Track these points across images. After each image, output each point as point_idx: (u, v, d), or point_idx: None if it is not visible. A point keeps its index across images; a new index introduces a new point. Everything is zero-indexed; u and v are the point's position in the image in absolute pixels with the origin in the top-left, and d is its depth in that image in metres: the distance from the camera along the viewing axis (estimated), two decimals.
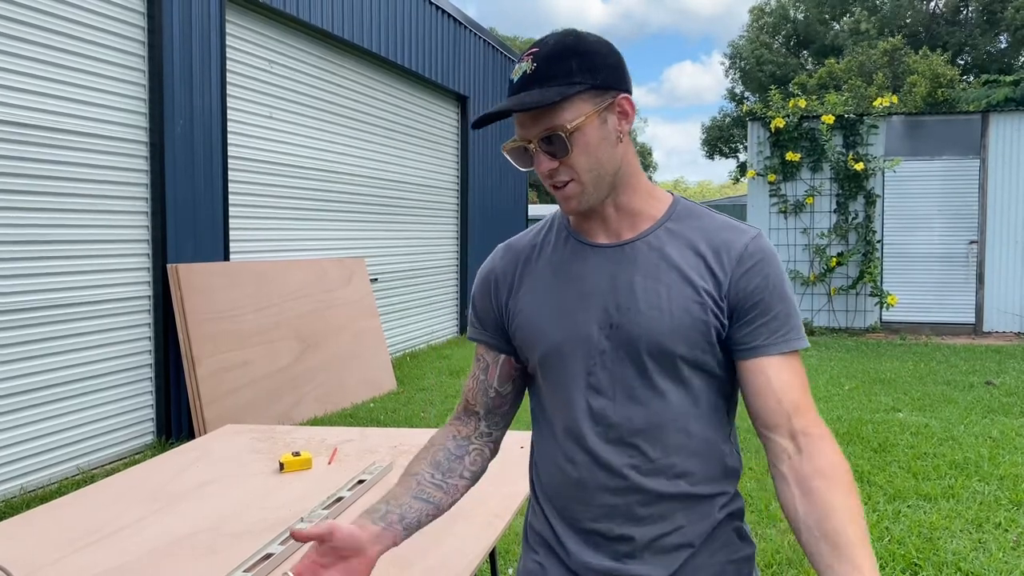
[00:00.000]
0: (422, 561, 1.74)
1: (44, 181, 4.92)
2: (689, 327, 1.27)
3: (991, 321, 11.17)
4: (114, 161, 5.42)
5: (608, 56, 1.27)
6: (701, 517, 1.33)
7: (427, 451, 1.43)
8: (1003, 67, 25.69)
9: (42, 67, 4.89)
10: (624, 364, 1.30)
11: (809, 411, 1.28)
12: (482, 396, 1.46)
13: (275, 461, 2.46)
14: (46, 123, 4.92)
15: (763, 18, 33.49)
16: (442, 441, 1.45)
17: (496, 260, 1.45)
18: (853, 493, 1.23)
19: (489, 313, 1.44)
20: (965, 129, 11.18)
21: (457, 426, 1.47)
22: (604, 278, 1.32)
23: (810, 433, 1.26)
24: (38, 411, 4.93)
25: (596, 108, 1.25)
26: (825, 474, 1.22)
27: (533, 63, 1.25)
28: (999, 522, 4.10)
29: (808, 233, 11.46)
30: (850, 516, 1.18)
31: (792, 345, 1.30)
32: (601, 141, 1.26)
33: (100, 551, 1.80)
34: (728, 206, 26.21)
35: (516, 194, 13.57)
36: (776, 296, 1.29)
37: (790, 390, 1.28)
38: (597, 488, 1.33)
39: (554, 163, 1.25)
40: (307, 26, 7.51)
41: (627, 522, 1.32)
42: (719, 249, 1.30)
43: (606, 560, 1.34)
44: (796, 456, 1.25)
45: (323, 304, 7.10)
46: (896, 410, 6.59)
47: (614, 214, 1.33)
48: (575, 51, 1.25)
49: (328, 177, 8.15)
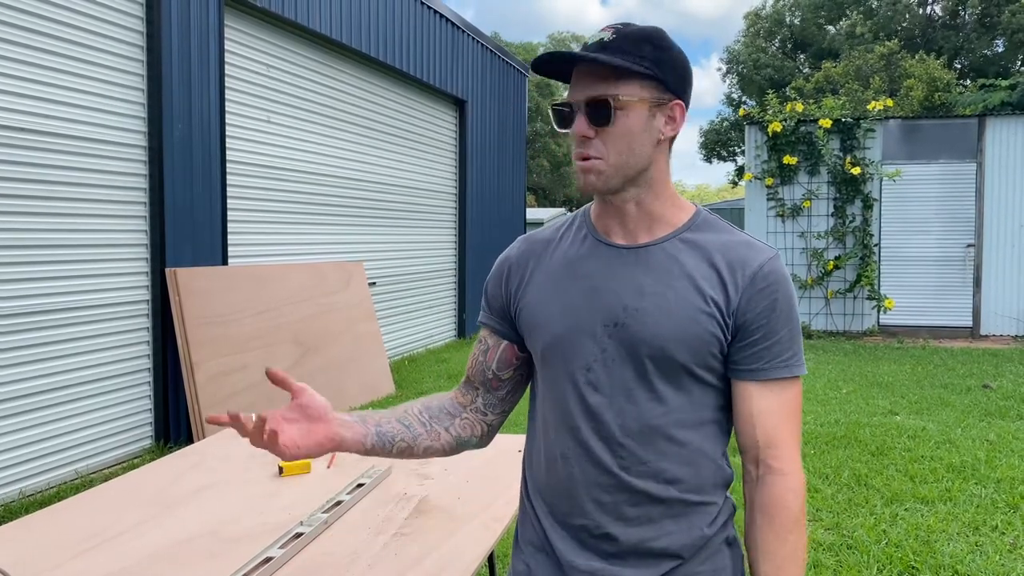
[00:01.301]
0: (421, 564, 1.75)
1: (43, 185, 4.93)
2: (693, 336, 1.28)
3: (988, 324, 11.19)
4: (113, 165, 5.42)
5: (682, 63, 1.30)
6: (690, 528, 1.33)
7: (426, 397, 1.50)
8: (1000, 71, 25.76)
9: (41, 72, 4.90)
10: (624, 364, 1.31)
11: (782, 444, 1.31)
12: (480, 375, 1.49)
13: (274, 465, 2.47)
14: (45, 128, 4.93)
15: (758, 23, 33.55)
16: (441, 397, 1.51)
17: (514, 249, 1.48)
18: (787, 534, 1.30)
19: (498, 299, 1.46)
20: (962, 133, 11.21)
21: (458, 393, 1.52)
22: (614, 277, 1.33)
23: (772, 466, 1.31)
24: (37, 415, 4.93)
25: (651, 100, 1.27)
26: (767, 511, 1.31)
27: (613, 35, 1.27)
28: (996, 525, 4.11)
29: (805, 237, 11.48)
30: (765, 556, 1.30)
31: (788, 371, 1.31)
32: (642, 132, 1.27)
33: (100, 555, 1.80)
34: (726, 210, 26.22)
35: (514, 198, 13.58)
36: (782, 321, 1.30)
37: (769, 418, 1.31)
38: (587, 483, 1.34)
39: (590, 131, 1.26)
40: (305, 30, 7.52)
41: (614, 521, 1.33)
42: (734, 265, 1.30)
43: (592, 560, 1.35)
44: (753, 483, 1.34)
45: (321, 308, 7.11)
46: (893, 413, 6.60)
47: (635, 213, 1.33)
48: (656, 42, 1.27)
49: (326, 181, 8.15)
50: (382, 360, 7.75)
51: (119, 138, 5.47)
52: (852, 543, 3.88)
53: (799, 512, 1.30)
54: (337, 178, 8.34)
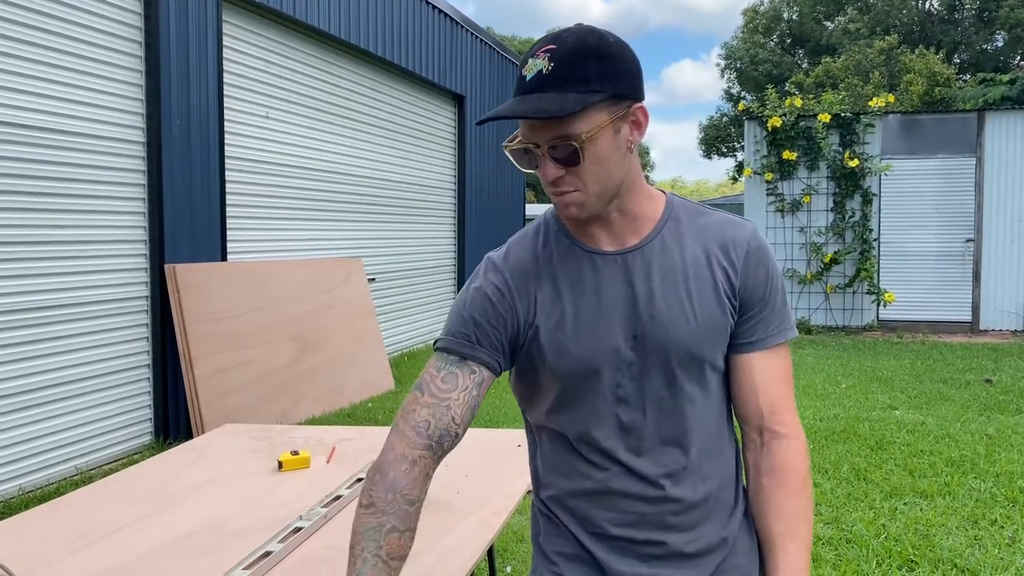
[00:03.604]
0: (420, 559, 1.75)
1: (40, 181, 4.92)
2: (713, 330, 1.28)
3: (987, 319, 11.19)
4: (111, 161, 5.42)
5: (628, 62, 1.19)
6: (727, 521, 1.36)
7: (409, 517, 1.23)
8: (999, 65, 25.74)
9: (38, 67, 4.89)
10: (652, 374, 1.28)
11: (785, 410, 1.33)
12: (444, 422, 1.25)
13: (274, 460, 2.47)
14: (42, 123, 4.92)
15: (756, 19, 33.51)
16: (415, 494, 1.24)
17: (502, 273, 1.32)
18: (798, 495, 1.32)
19: (498, 329, 1.29)
20: (961, 128, 11.20)
21: (426, 464, 1.25)
22: (621, 287, 1.28)
23: (777, 432, 1.33)
24: (36, 412, 4.93)
25: (611, 118, 1.18)
26: (774, 473, 1.32)
27: (550, 63, 1.15)
28: (995, 519, 4.12)
29: (805, 232, 11.48)
30: (779, 514, 1.31)
31: (784, 336, 1.34)
32: (612, 152, 1.20)
33: (100, 551, 1.80)
34: (725, 205, 26.23)
35: (513, 194, 13.58)
36: (774, 289, 1.33)
37: (771, 386, 1.33)
38: (628, 497, 1.31)
39: (561, 171, 1.19)
40: (304, 26, 7.51)
41: (657, 529, 1.32)
42: (727, 246, 1.30)
43: (638, 565, 1.33)
44: (758, 450, 1.34)
45: (321, 304, 7.10)
46: (893, 408, 6.61)
47: (618, 219, 1.28)
48: (596, 54, 1.16)
49: (325, 177, 8.15)
50: (381, 356, 7.75)
51: (118, 134, 5.46)
52: (851, 537, 3.89)
53: (806, 472, 1.33)
54: (336, 174, 8.34)
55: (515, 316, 1.30)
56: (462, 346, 1.28)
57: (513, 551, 3.70)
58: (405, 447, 1.23)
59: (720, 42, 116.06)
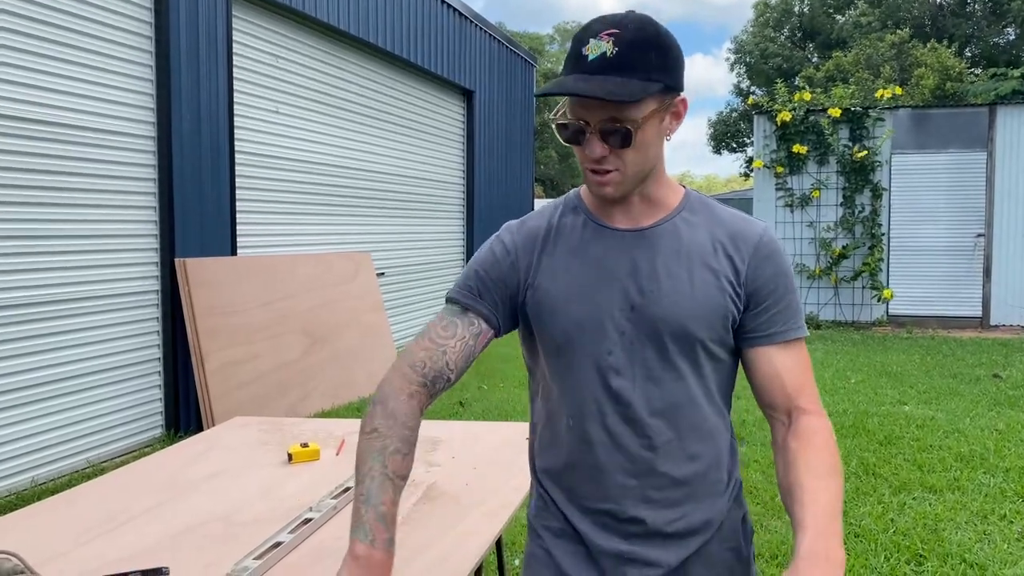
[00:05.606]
0: (429, 551, 1.76)
1: (51, 176, 4.95)
2: (711, 312, 1.32)
3: (998, 314, 11.13)
4: (121, 156, 5.45)
5: (680, 55, 1.27)
6: (711, 504, 1.38)
7: (409, 441, 1.32)
8: (1011, 59, 25.53)
9: (49, 63, 4.91)
10: (644, 346, 1.32)
11: (809, 393, 1.35)
12: (438, 365, 1.34)
13: (283, 452, 2.49)
14: (53, 119, 4.95)
15: (767, 12, 33.35)
16: (413, 422, 1.34)
17: (514, 235, 1.41)
18: (823, 451, 1.28)
19: (499, 285, 1.38)
20: (972, 122, 11.14)
21: (421, 399, 1.35)
22: (625, 260, 1.33)
23: (803, 408, 1.34)
24: (48, 404, 4.97)
25: (661, 107, 1.25)
26: (799, 435, 1.30)
27: (615, 47, 1.19)
28: (1004, 514, 4.11)
29: (814, 227, 11.44)
30: (807, 467, 1.25)
31: (800, 333, 1.37)
32: (655, 139, 1.27)
33: (112, 540, 1.82)
34: (735, 200, 26.13)
35: (522, 189, 13.57)
36: (786, 286, 1.36)
37: (794, 372, 1.35)
38: (613, 468, 1.35)
39: (607, 151, 1.25)
40: (313, 21, 7.52)
41: (639, 503, 1.35)
42: (736, 238, 1.35)
43: (619, 543, 1.36)
44: (786, 427, 1.35)
45: (330, 298, 7.13)
46: (902, 403, 6.59)
47: (638, 202, 1.35)
48: (656, 44, 1.22)
49: (334, 171, 8.17)
50: (390, 350, 7.77)
51: (128, 129, 5.49)
52: (860, 532, 3.89)
53: (834, 443, 1.32)
54: (345, 168, 8.36)
55: (516, 274, 1.38)
56: (465, 297, 1.39)
57: (522, 543, 3.72)
58: (403, 382, 1.34)
59: (731, 35, 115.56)
